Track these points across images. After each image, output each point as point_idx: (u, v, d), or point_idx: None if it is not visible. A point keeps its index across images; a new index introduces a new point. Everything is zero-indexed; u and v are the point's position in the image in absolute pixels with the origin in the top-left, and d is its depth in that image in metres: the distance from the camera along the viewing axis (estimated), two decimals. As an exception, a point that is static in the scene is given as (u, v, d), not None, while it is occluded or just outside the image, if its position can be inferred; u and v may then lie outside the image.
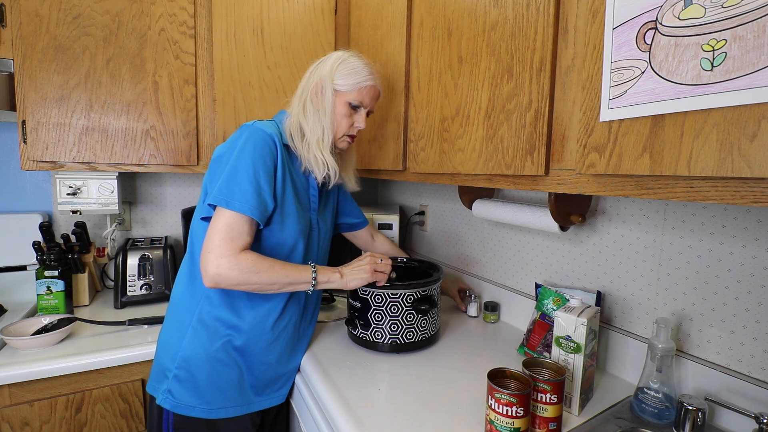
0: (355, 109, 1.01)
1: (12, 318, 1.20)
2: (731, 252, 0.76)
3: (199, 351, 0.90)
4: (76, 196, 1.32)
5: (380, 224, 1.49)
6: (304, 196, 1.00)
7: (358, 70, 0.99)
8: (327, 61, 1.00)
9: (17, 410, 0.98)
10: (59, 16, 1.14)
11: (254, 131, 0.88)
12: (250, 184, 0.84)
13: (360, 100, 1.00)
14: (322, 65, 1.00)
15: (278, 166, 0.90)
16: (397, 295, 1.00)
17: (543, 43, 0.68)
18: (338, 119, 0.99)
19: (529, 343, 1.02)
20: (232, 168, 0.85)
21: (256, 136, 0.87)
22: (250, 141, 0.86)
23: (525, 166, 0.72)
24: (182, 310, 0.93)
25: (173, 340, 0.92)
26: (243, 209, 0.82)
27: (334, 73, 0.98)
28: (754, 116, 0.42)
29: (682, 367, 0.82)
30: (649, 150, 0.51)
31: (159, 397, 0.91)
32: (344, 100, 0.98)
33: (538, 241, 1.16)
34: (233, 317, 0.92)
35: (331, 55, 1.02)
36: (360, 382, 0.89)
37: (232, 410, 0.92)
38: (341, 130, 1.00)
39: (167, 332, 0.95)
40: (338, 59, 0.99)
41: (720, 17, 0.44)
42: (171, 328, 0.94)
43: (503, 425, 0.67)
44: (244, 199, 0.83)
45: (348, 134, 1.02)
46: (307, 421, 0.94)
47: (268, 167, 0.87)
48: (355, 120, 1.02)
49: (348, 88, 0.98)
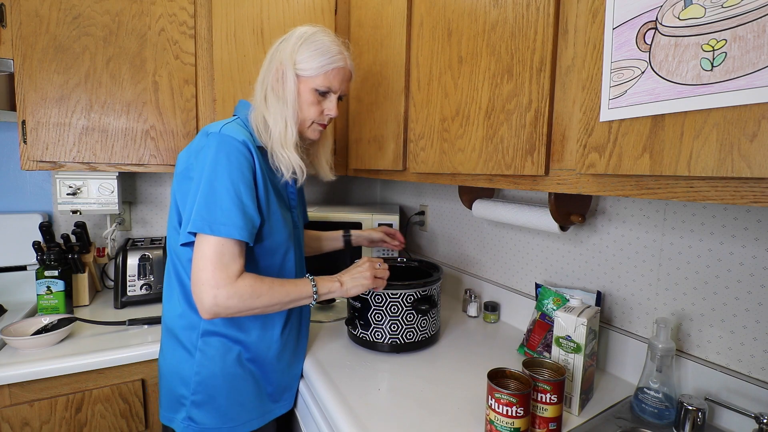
0: (324, 95, 0.90)
1: (12, 318, 1.20)
2: (731, 252, 0.76)
3: (213, 370, 0.85)
4: (76, 196, 1.32)
5: (380, 224, 1.49)
6: (285, 197, 0.94)
7: (324, 50, 0.87)
8: (289, 40, 0.88)
9: (17, 410, 0.98)
10: (59, 16, 1.14)
11: (225, 140, 0.78)
12: (232, 203, 0.76)
13: (328, 86, 0.88)
14: (283, 45, 0.88)
15: (257, 175, 0.81)
16: (397, 295, 1.00)
17: (543, 43, 0.68)
18: (304, 108, 0.88)
19: (529, 343, 1.02)
20: (208, 187, 0.76)
21: (228, 146, 0.78)
22: (222, 153, 0.77)
23: (525, 166, 0.72)
24: (182, 334, 0.87)
25: (181, 365, 0.86)
26: (230, 233, 0.75)
27: (295, 55, 0.86)
28: (754, 116, 0.42)
29: (682, 367, 0.82)
30: (649, 150, 0.51)
31: (179, 426, 0.86)
32: (310, 87, 0.87)
33: (538, 241, 1.16)
34: (238, 333, 0.87)
35: (293, 33, 0.89)
36: (360, 382, 0.89)
37: (255, 422, 0.89)
38: (309, 118, 0.90)
39: (171, 359, 0.88)
40: (300, 37, 0.87)
41: (720, 17, 0.44)
42: (174, 353, 0.88)
43: (503, 425, 0.67)
44: (229, 221, 0.75)
45: (318, 122, 0.92)
46: (307, 421, 0.94)
47: (248, 180, 0.79)
48: (324, 107, 0.91)
49: (313, 72, 0.86)
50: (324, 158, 1.02)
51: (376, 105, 1.25)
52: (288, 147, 0.85)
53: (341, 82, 0.91)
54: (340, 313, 1.31)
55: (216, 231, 0.75)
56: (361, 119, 1.36)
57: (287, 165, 0.86)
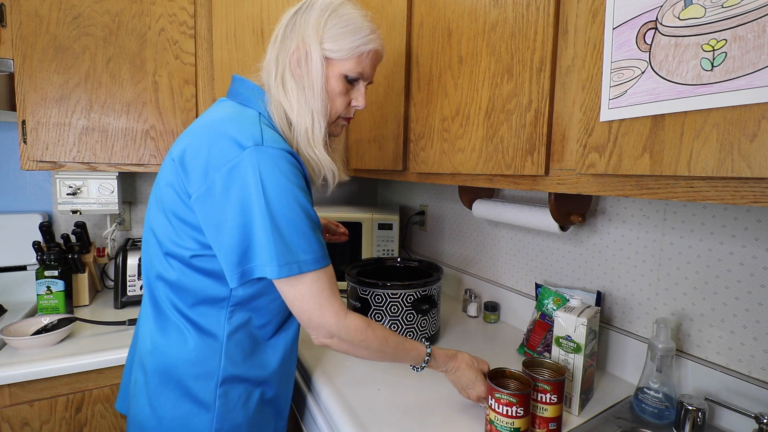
0: (353, 83, 0.76)
1: (12, 318, 1.20)
2: (731, 252, 0.76)
3: (237, 421, 0.70)
4: (76, 196, 1.32)
5: (380, 224, 1.49)
6: None
7: (356, 27, 0.72)
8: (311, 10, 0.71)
9: (17, 410, 0.98)
10: (59, 16, 1.14)
11: (271, 155, 0.62)
12: (308, 227, 0.64)
13: (360, 71, 0.74)
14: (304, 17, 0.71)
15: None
16: (397, 295, 0.99)
17: (543, 43, 0.68)
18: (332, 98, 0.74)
19: (529, 343, 1.02)
20: (270, 217, 0.60)
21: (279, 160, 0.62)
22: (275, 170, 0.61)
23: (525, 166, 0.72)
24: (194, 385, 0.68)
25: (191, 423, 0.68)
26: (320, 263, 0.64)
27: (322, 32, 0.70)
28: (754, 116, 0.42)
29: (682, 367, 0.82)
30: (649, 150, 0.51)
31: None
32: (338, 72, 0.72)
33: (538, 241, 1.16)
34: (260, 371, 0.73)
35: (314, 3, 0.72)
36: (360, 382, 0.89)
37: None
38: (335, 111, 0.75)
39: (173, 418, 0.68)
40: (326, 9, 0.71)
41: (720, 17, 0.44)
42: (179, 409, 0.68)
43: (503, 425, 0.67)
44: (311, 250, 0.63)
45: (344, 116, 0.78)
46: (307, 421, 0.94)
47: (308, 196, 0.67)
48: (352, 97, 0.76)
49: (343, 54, 0.71)
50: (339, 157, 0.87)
51: (376, 105, 1.25)
52: (317, 146, 0.72)
53: (374, 67, 0.77)
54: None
55: (305, 268, 0.63)
56: (361, 119, 1.36)
57: (318, 168, 0.73)
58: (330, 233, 1.15)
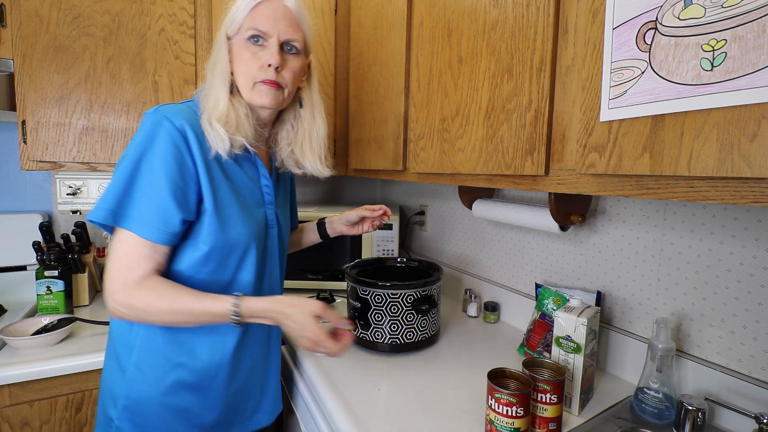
0: (258, 43, 0.76)
1: (12, 318, 1.20)
2: (731, 252, 0.76)
3: (145, 394, 0.74)
4: (76, 196, 1.32)
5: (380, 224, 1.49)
6: (254, 191, 0.82)
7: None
8: None
9: (17, 410, 0.98)
10: (59, 16, 1.14)
11: (157, 122, 0.69)
12: (146, 196, 0.67)
13: (254, 26, 0.75)
14: None
15: (196, 163, 0.71)
16: (397, 295, 1.00)
17: (543, 43, 0.68)
18: (240, 66, 0.76)
19: (529, 343, 1.02)
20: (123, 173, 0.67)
21: (159, 129, 0.68)
22: (149, 136, 0.68)
23: (525, 166, 0.72)
24: (119, 343, 0.77)
25: (113, 380, 0.76)
26: (140, 230, 0.67)
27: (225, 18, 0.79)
28: (754, 116, 0.42)
29: (682, 367, 0.82)
30: (649, 150, 0.51)
31: None
32: (242, 39, 0.76)
33: (538, 241, 1.16)
34: (180, 352, 0.75)
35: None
36: (360, 382, 0.89)
37: None
38: (249, 76, 0.76)
39: (107, 371, 0.78)
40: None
41: (720, 17, 0.44)
42: (110, 365, 0.78)
43: (503, 425, 0.67)
44: (140, 216, 0.67)
45: (261, 80, 0.76)
46: (307, 421, 0.94)
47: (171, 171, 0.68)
48: (261, 57, 0.75)
49: (238, 22, 0.76)
50: (309, 148, 0.87)
51: (376, 105, 1.25)
52: (212, 120, 0.73)
53: (274, 21, 0.75)
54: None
55: (122, 223, 0.68)
56: (361, 119, 1.36)
57: (212, 138, 0.73)
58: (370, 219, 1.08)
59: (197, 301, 0.70)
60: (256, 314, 0.72)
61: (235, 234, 0.76)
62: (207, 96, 0.77)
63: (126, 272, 0.67)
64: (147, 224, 0.67)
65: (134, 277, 0.67)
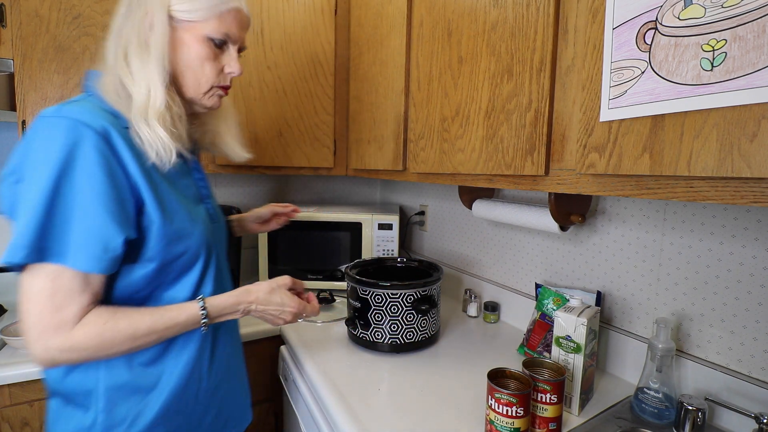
0: (221, 46, 0.70)
1: (12, 318, 1.20)
2: (731, 252, 0.76)
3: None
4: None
5: (380, 224, 1.49)
6: (189, 187, 0.74)
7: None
8: None
9: (17, 410, 0.98)
10: (59, 16, 1.14)
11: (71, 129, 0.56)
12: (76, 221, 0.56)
13: (225, 32, 0.69)
14: None
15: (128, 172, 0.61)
16: (397, 295, 1.00)
17: (543, 43, 0.68)
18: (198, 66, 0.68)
19: (529, 343, 1.02)
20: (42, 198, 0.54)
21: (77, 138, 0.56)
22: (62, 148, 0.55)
23: (525, 166, 0.72)
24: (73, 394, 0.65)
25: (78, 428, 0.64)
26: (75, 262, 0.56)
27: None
28: (754, 116, 0.42)
29: (682, 367, 0.82)
30: (649, 150, 0.51)
31: None
32: (201, 35, 0.67)
33: (538, 241, 1.16)
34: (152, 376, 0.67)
35: None
36: (360, 382, 0.89)
37: None
38: (207, 80, 0.70)
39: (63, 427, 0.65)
40: None
41: (720, 17, 0.44)
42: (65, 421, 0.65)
43: (503, 425, 0.67)
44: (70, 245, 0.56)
45: (218, 85, 0.72)
46: (306, 421, 0.94)
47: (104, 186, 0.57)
48: (224, 63, 0.71)
49: (201, 14, 0.66)
50: (229, 135, 0.83)
51: (376, 105, 1.25)
52: (150, 118, 0.63)
53: (240, 28, 0.71)
54: (340, 313, 1.31)
55: (49, 257, 0.56)
56: (361, 119, 1.36)
57: (149, 142, 0.63)
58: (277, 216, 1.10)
59: (158, 317, 0.63)
60: (226, 311, 0.69)
61: (192, 241, 0.69)
62: (137, 87, 0.63)
63: (56, 314, 0.57)
64: (82, 253, 0.57)
65: (69, 317, 0.58)
